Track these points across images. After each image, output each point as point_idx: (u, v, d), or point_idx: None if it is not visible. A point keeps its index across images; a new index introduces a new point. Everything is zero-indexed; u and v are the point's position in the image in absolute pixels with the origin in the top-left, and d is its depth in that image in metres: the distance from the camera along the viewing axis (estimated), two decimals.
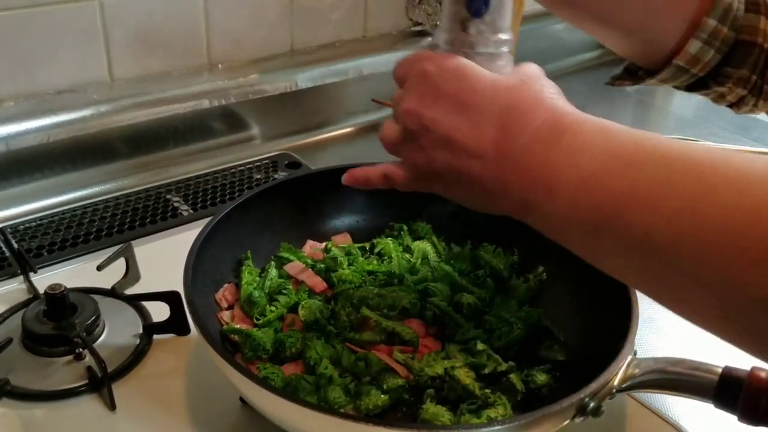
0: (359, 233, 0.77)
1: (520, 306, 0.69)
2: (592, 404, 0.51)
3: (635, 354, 0.55)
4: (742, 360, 0.52)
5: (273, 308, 0.65)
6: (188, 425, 0.60)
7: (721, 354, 0.75)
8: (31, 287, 0.73)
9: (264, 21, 1.02)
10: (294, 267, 0.69)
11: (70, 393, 0.62)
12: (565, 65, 1.51)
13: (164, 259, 0.69)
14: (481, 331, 0.65)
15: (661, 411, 0.65)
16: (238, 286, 0.67)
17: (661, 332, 0.78)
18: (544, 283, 0.71)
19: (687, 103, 1.47)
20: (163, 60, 0.94)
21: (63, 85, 0.88)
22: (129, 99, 0.92)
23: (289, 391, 0.57)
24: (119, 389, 0.63)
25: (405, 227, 0.76)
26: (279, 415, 0.52)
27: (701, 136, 1.15)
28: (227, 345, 0.62)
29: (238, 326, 0.63)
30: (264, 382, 0.49)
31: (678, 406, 0.66)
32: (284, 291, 0.66)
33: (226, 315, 0.65)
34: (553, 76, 1.50)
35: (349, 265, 0.70)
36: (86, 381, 0.63)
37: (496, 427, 0.49)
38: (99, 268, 0.70)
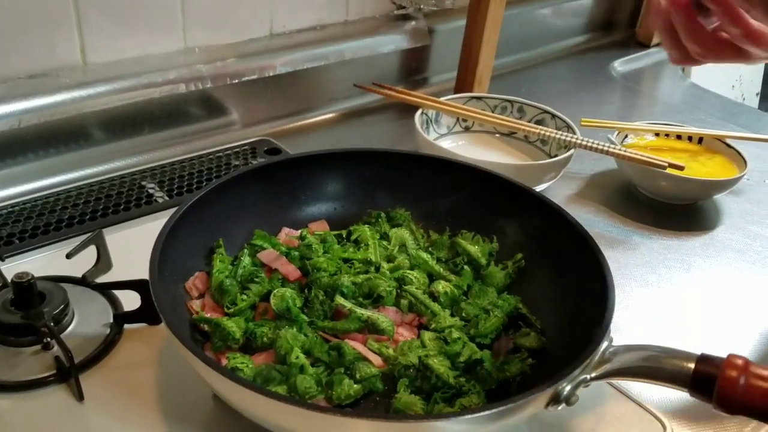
0: (337, 220, 0.76)
1: (499, 293, 0.68)
2: (565, 393, 0.50)
3: (611, 342, 0.54)
4: (720, 347, 0.51)
5: (244, 297, 0.63)
6: (159, 416, 0.59)
7: (700, 341, 0.75)
8: (0, 275, 0.71)
9: (243, 3, 1.00)
10: (267, 255, 0.68)
11: (37, 383, 0.61)
12: (552, 50, 1.50)
13: (138, 247, 0.67)
14: (457, 319, 0.65)
15: (640, 399, 0.64)
16: (209, 274, 0.66)
17: (639, 320, 0.78)
18: (523, 270, 0.70)
19: (673, 90, 1.46)
20: (138, 43, 0.92)
21: (34, 69, 0.86)
22: (102, 83, 0.89)
23: (258, 382, 0.56)
24: (88, 379, 0.61)
25: (383, 214, 0.75)
26: (245, 405, 0.51)
27: (688, 122, 1.14)
28: (197, 335, 0.61)
29: (209, 315, 0.61)
30: (227, 372, 0.48)
31: (657, 394, 0.65)
32: (256, 279, 0.64)
33: (196, 304, 0.63)
34: (540, 62, 1.50)
35: (325, 252, 0.69)
36: (54, 371, 0.62)
37: (467, 416, 0.48)
38: (68, 256, 0.68)
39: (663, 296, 0.82)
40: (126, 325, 0.67)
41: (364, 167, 0.76)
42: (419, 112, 1.00)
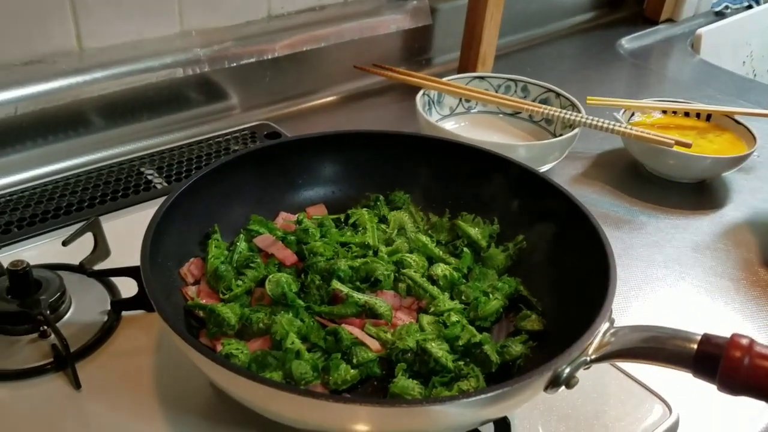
0: (335, 204, 0.75)
1: (499, 276, 0.67)
2: (565, 375, 0.49)
3: (613, 323, 0.53)
4: (728, 328, 0.50)
5: (240, 283, 0.62)
6: (156, 404, 0.59)
7: (708, 322, 0.74)
8: None
9: None
10: (264, 240, 0.67)
11: (34, 372, 0.60)
12: (557, 28, 1.48)
13: (137, 234, 0.66)
14: (457, 302, 0.63)
15: (646, 382, 0.63)
16: (205, 260, 0.65)
17: (646, 300, 0.76)
18: (524, 251, 0.69)
19: (682, 67, 1.43)
20: (134, 27, 0.91)
21: (30, 56, 0.85)
22: (99, 69, 0.88)
23: (254, 368, 0.55)
24: (86, 367, 0.61)
25: (382, 197, 0.74)
26: (239, 392, 0.50)
27: (697, 99, 1.12)
28: (193, 321, 0.61)
29: (204, 302, 0.61)
30: (218, 358, 0.47)
31: (663, 377, 0.64)
32: (252, 265, 0.64)
33: (191, 290, 0.63)
34: (546, 40, 1.47)
35: (322, 237, 0.68)
36: (51, 359, 0.61)
37: (464, 400, 0.46)
38: (64, 243, 0.67)
39: (670, 276, 0.80)
40: (124, 312, 0.67)
41: (362, 150, 0.74)
42: (420, 93, 0.99)
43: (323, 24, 1.07)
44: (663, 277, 0.80)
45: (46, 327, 0.62)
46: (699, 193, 0.96)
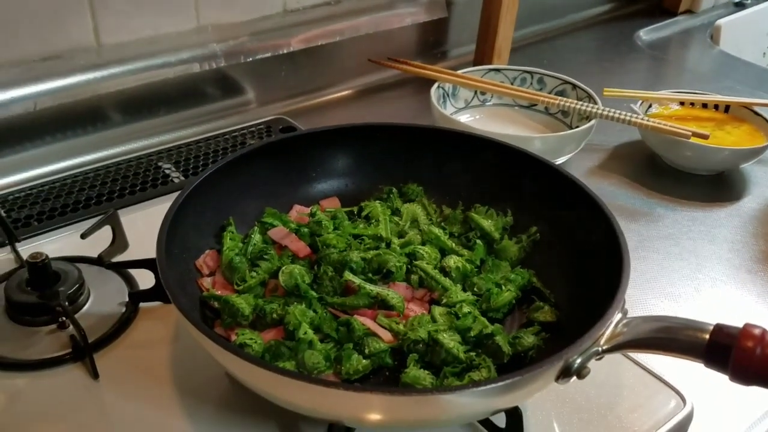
0: (349, 197, 0.75)
1: (512, 267, 0.67)
2: (576, 365, 0.49)
3: (625, 314, 0.53)
4: (742, 319, 0.49)
5: (254, 274, 0.63)
6: (173, 394, 0.59)
7: (723, 313, 0.73)
8: (18, 257, 0.72)
9: None
10: (277, 232, 0.67)
11: (53, 362, 0.62)
12: (575, 20, 1.47)
13: (154, 227, 0.67)
14: (469, 294, 0.64)
15: (661, 373, 0.63)
16: (220, 252, 0.66)
17: (662, 292, 0.76)
18: (538, 243, 0.69)
19: (701, 58, 1.42)
20: (151, 23, 0.92)
21: (48, 52, 0.86)
22: (117, 64, 0.89)
23: (267, 358, 0.56)
24: (104, 358, 0.62)
25: (395, 190, 0.74)
26: (252, 381, 0.51)
27: (716, 90, 1.11)
28: (208, 312, 0.61)
29: (219, 293, 0.61)
30: (232, 347, 0.48)
31: (678, 368, 0.63)
32: (266, 256, 0.64)
33: (206, 281, 0.63)
34: (563, 32, 1.46)
35: (335, 229, 0.68)
36: (69, 350, 0.62)
37: (474, 389, 0.47)
38: (83, 236, 0.68)
39: (687, 268, 0.80)
40: (141, 304, 0.68)
41: (375, 142, 0.75)
42: (435, 85, 0.99)
43: (338, 18, 1.08)
44: (679, 269, 0.80)
45: (64, 318, 0.63)
46: (716, 185, 0.95)
